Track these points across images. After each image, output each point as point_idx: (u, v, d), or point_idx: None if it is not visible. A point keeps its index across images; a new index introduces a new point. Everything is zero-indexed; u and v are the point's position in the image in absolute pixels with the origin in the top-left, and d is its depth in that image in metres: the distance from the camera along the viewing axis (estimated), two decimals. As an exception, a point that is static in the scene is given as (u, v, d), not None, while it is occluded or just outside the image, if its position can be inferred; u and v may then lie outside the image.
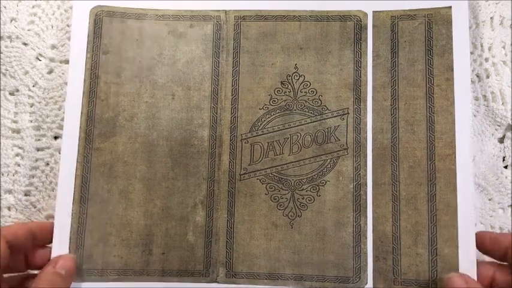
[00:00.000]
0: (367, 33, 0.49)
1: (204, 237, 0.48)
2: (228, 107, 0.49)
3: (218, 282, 0.47)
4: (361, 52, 0.49)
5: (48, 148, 0.53)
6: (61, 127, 0.51)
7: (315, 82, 0.49)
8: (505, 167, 0.51)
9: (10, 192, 0.53)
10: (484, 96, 0.51)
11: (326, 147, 0.48)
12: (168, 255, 0.48)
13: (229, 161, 0.49)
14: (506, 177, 0.50)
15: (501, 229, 0.50)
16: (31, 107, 0.54)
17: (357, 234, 0.47)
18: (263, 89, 0.49)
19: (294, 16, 0.50)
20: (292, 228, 0.48)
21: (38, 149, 0.53)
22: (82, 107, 0.49)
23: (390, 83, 0.48)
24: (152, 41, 0.50)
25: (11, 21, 0.55)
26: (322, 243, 0.47)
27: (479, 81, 0.51)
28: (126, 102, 0.49)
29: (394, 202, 0.47)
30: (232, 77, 0.50)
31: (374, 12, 0.50)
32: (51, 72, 0.54)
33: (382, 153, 0.48)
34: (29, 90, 0.54)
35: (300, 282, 0.47)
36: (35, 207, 0.53)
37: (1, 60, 0.54)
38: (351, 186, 0.48)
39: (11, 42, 0.54)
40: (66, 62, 0.54)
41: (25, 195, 0.53)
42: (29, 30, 0.55)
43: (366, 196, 0.47)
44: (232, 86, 0.50)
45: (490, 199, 0.50)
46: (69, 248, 0.47)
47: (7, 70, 0.54)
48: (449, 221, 0.45)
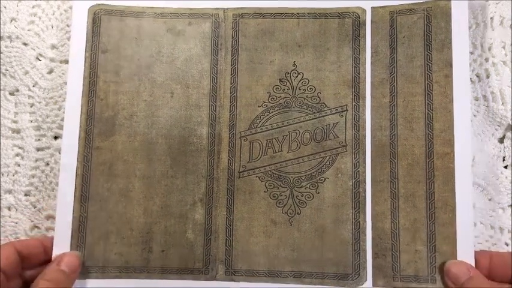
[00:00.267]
0: (365, 30, 0.49)
1: (203, 235, 0.48)
2: (226, 105, 0.49)
3: (217, 280, 0.47)
4: (359, 49, 0.49)
5: (48, 148, 0.53)
6: (61, 127, 0.51)
7: (314, 79, 0.49)
8: (505, 167, 0.51)
9: (10, 192, 0.53)
10: (484, 96, 0.51)
11: (325, 145, 0.48)
12: (167, 252, 0.48)
13: (228, 159, 0.49)
14: (506, 177, 0.50)
15: (501, 229, 0.50)
16: (31, 107, 0.54)
17: (356, 231, 0.47)
18: (262, 86, 0.49)
19: (292, 14, 0.50)
20: (291, 225, 0.48)
21: (38, 149, 0.53)
22: (82, 106, 0.49)
23: (389, 79, 0.48)
24: (151, 39, 0.50)
25: (11, 21, 0.55)
26: (321, 240, 0.47)
27: (479, 81, 0.51)
28: (125, 100, 0.50)
29: (392, 199, 0.47)
30: (231, 74, 0.50)
31: (373, 8, 0.49)
32: (51, 72, 0.55)
33: (381, 151, 0.47)
34: (29, 90, 0.54)
35: (299, 280, 0.47)
36: (35, 207, 0.53)
37: (1, 60, 0.54)
38: (350, 183, 0.48)
39: (11, 42, 0.54)
40: (66, 62, 0.54)
41: (25, 195, 0.53)
42: (29, 30, 0.55)
43: (365, 193, 0.47)
44: (231, 83, 0.50)
45: (490, 199, 0.50)
46: (71, 246, 0.47)
47: (7, 70, 0.54)
48: (448, 219, 0.45)
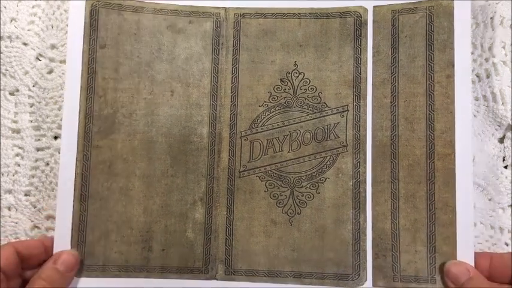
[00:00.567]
0: (367, 29, 0.49)
1: (203, 234, 0.48)
2: (227, 104, 0.49)
3: (217, 279, 0.48)
4: (361, 48, 0.49)
5: (48, 148, 0.53)
6: (61, 127, 0.51)
7: (315, 79, 0.49)
8: (505, 167, 0.51)
9: (10, 192, 0.53)
10: (484, 96, 0.51)
11: (325, 145, 0.48)
12: (167, 252, 0.48)
13: (229, 158, 0.49)
14: (506, 177, 0.50)
15: (501, 229, 0.50)
16: (31, 107, 0.53)
17: (356, 231, 0.47)
18: (263, 86, 0.49)
19: (293, 14, 0.49)
20: (291, 225, 0.48)
21: (38, 149, 0.53)
22: (80, 103, 0.49)
23: (390, 79, 0.48)
24: (150, 35, 0.50)
25: (11, 21, 0.54)
26: (322, 240, 0.47)
27: (479, 81, 0.51)
28: (124, 98, 0.49)
29: (393, 200, 0.47)
30: (232, 74, 0.49)
31: (374, 7, 0.49)
32: (51, 72, 0.54)
33: (381, 151, 0.47)
34: (29, 90, 0.53)
35: (299, 280, 0.47)
36: (35, 207, 0.53)
37: (1, 60, 0.53)
38: (351, 183, 0.48)
39: (11, 42, 0.54)
40: (66, 62, 0.53)
41: (25, 195, 0.53)
42: (29, 30, 0.54)
43: (365, 193, 0.47)
44: (232, 83, 0.49)
45: (490, 199, 0.50)
46: (71, 245, 0.47)
47: (7, 70, 0.53)
48: (448, 220, 0.46)
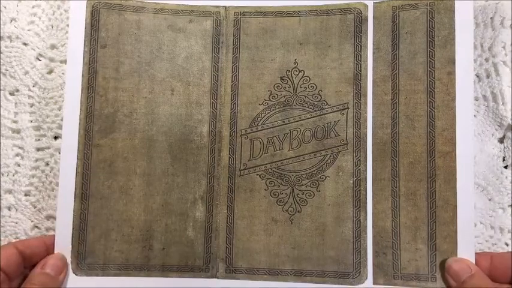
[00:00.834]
0: (367, 26, 0.49)
1: (203, 233, 0.48)
2: (227, 103, 0.49)
3: (218, 278, 0.48)
4: (361, 45, 0.49)
5: (48, 148, 0.53)
6: (61, 127, 0.51)
7: (315, 77, 0.49)
8: (505, 167, 0.51)
9: (10, 192, 0.53)
10: (484, 96, 0.51)
11: (326, 143, 0.48)
12: (168, 250, 0.48)
13: (229, 157, 0.49)
14: (506, 177, 0.50)
15: (501, 229, 0.50)
16: (31, 107, 0.54)
17: (357, 229, 0.47)
18: (263, 84, 0.49)
19: (293, 11, 0.49)
20: (292, 223, 0.48)
21: (38, 149, 0.53)
22: (81, 103, 0.49)
23: (391, 76, 0.48)
24: (151, 35, 0.50)
25: (11, 21, 0.54)
26: (322, 238, 0.47)
27: (479, 81, 0.51)
28: (125, 97, 0.49)
29: (393, 198, 0.47)
30: (232, 72, 0.49)
31: (375, 3, 0.49)
32: (51, 72, 0.54)
33: (382, 149, 0.47)
34: (29, 90, 0.53)
35: (299, 278, 0.47)
36: (35, 207, 0.53)
37: (1, 60, 0.54)
38: (351, 181, 0.47)
39: (11, 42, 0.54)
40: (66, 62, 0.53)
41: (25, 195, 0.53)
42: (29, 30, 0.54)
43: (366, 191, 0.47)
44: (232, 81, 0.49)
45: (490, 199, 0.50)
46: (72, 243, 0.47)
47: (7, 70, 0.54)
48: (449, 218, 0.45)
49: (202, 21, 0.50)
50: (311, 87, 0.49)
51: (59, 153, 0.51)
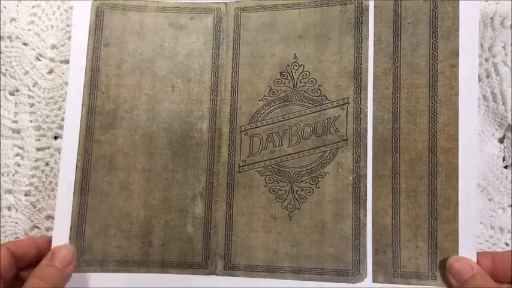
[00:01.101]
0: (368, 16, 0.48)
1: (203, 229, 0.48)
2: (227, 99, 0.49)
3: (216, 274, 0.47)
4: (362, 37, 0.48)
5: (48, 148, 0.53)
6: (61, 127, 0.51)
7: (315, 71, 0.48)
8: (505, 167, 0.50)
9: (10, 192, 0.53)
10: (484, 96, 0.50)
11: (325, 139, 0.48)
12: (167, 246, 0.48)
13: (229, 153, 0.49)
14: (506, 177, 0.49)
15: (501, 229, 0.49)
16: (31, 107, 0.54)
17: (357, 226, 0.46)
18: (263, 80, 0.49)
19: (293, 4, 0.49)
20: (291, 220, 0.47)
21: (38, 149, 0.54)
22: (83, 99, 0.49)
23: (392, 69, 0.47)
24: (153, 33, 0.50)
25: (11, 21, 0.55)
26: (321, 235, 0.47)
27: (479, 81, 0.50)
28: (126, 94, 0.50)
29: (394, 195, 0.46)
30: (232, 69, 0.49)
31: None
32: (51, 72, 0.55)
33: (382, 145, 0.47)
34: (29, 90, 0.54)
35: (298, 275, 0.46)
36: (35, 207, 0.53)
37: (1, 60, 0.54)
38: (351, 178, 0.47)
39: (11, 42, 0.55)
40: (66, 62, 0.54)
41: (25, 195, 0.53)
42: (29, 30, 0.55)
43: (366, 188, 0.46)
44: (232, 78, 0.49)
45: (490, 199, 0.50)
46: (70, 239, 0.47)
47: (7, 70, 0.54)
48: (450, 216, 0.44)
49: (203, 18, 0.50)
50: (311, 82, 0.48)
51: (59, 153, 0.52)
